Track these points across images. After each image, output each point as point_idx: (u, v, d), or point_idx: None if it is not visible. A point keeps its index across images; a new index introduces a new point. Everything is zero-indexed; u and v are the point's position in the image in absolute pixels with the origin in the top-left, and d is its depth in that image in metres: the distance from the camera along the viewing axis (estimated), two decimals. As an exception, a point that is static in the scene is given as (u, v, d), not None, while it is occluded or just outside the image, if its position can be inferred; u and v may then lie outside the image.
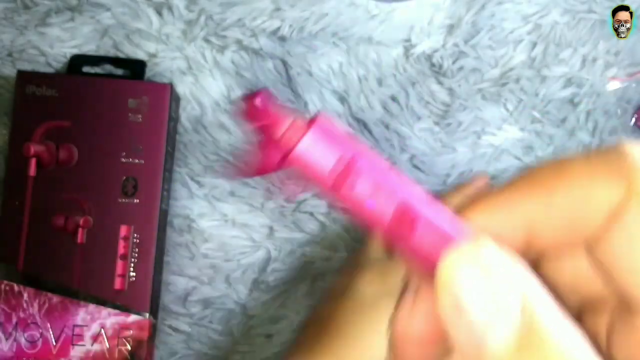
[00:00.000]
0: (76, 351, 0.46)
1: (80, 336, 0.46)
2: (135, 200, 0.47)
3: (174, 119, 0.50)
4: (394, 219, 0.18)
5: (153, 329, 0.48)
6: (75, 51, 0.51)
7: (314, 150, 0.18)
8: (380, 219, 0.18)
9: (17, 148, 0.47)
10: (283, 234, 0.50)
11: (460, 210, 0.19)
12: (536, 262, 0.19)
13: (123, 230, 0.47)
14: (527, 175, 0.18)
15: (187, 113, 0.51)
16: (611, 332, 0.19)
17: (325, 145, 0.18)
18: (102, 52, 0.51)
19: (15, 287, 0.46)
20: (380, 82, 0.52)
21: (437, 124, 0.52)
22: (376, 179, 0.18)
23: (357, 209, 0.18)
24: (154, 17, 0.51)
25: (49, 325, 0.46)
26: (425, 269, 0.18)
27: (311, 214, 0.51)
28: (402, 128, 0.51)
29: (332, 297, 0.45)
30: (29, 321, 0.46)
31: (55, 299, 0.46)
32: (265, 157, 0.18)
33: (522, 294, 0.16)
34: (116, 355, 0.46)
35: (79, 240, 0.47)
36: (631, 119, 0.52)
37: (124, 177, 0.47)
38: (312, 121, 0.18)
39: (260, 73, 0.51)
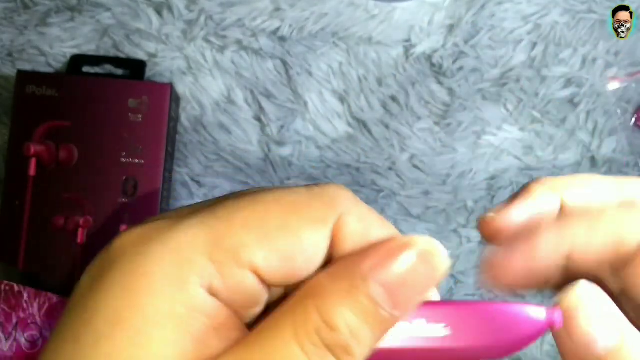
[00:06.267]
0: (76, 351, 0.45)
1: (80, 336, 0.46)
2: (135, 200, 0.47)
3: (174, 119, 0.50)
4: None
5: (153, 329, 0.48)
6: (75, 51, 0.51)
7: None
8: None
9: (17, 148, 0.47)
10: (283, 234, 0.50)
11: None
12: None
13: (123, 230, 0.47)
14: None
15: (187, 113, 0.51)
16: None
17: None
18: (102, 52, 0.51)
19: (15, 287, 0.46)
20: (380, 82, 0.52)
21: (437, 124, 0.52)
22: None
23: None
24: (154, 17, 0.51)
25: (49, 325, 0.46)
26: None
27: (311, 214, 0.51)
28: (402, 128, 0.51)
29: None
30: (29, 321, 0.46)
31: (55, 299, 0.46)
32: None
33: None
34: (116, 355, 0.46)
35: (79, 240, 0.47)
36: (631, 119, 0.52)
37: (124, 177, 0.47)
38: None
39: (260, 73, 0.51)
